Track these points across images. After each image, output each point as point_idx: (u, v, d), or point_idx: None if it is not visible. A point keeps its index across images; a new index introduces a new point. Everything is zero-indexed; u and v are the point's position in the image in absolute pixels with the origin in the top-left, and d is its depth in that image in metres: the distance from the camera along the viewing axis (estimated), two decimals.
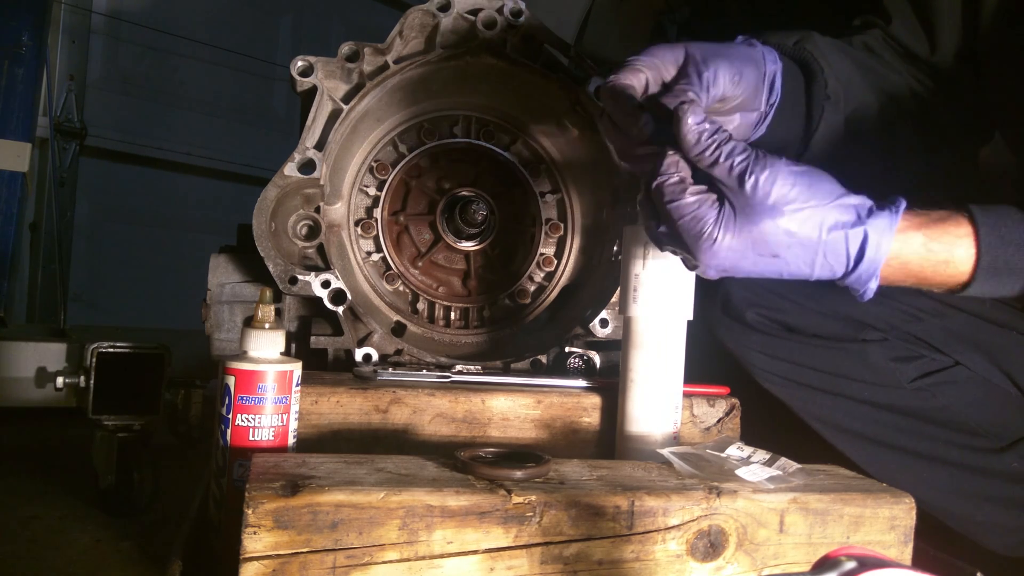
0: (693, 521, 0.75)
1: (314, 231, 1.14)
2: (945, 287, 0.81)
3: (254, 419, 0.84)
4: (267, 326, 0.87)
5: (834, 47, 1.06)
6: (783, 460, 0.82)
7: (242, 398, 0.83)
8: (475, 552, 0.69)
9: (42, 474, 1.32)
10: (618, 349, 1.05)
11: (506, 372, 1.15)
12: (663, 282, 0.94)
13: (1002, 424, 1.04)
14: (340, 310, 1.09)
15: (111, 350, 1.13)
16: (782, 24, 1.09)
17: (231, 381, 0.84)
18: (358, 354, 1.12)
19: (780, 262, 0.76)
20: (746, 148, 0.75)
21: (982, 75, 1.07)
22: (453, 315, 1.27)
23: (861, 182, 0.79)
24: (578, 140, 1.26)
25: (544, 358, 1.19)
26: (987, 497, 1.03)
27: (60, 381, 1.13)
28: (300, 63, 1.12)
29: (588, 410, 1.05)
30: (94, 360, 1.11)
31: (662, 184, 0.77)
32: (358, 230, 1.23)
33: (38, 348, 1.58)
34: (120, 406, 1.12)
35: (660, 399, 0.96)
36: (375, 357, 1.13)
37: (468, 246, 1.26)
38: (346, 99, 1.13)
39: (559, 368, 1.17)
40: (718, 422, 1.08)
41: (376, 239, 1.24)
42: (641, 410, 0.97)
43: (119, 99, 2.99)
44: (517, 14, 1.15)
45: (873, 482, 0.86)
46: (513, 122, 1.28)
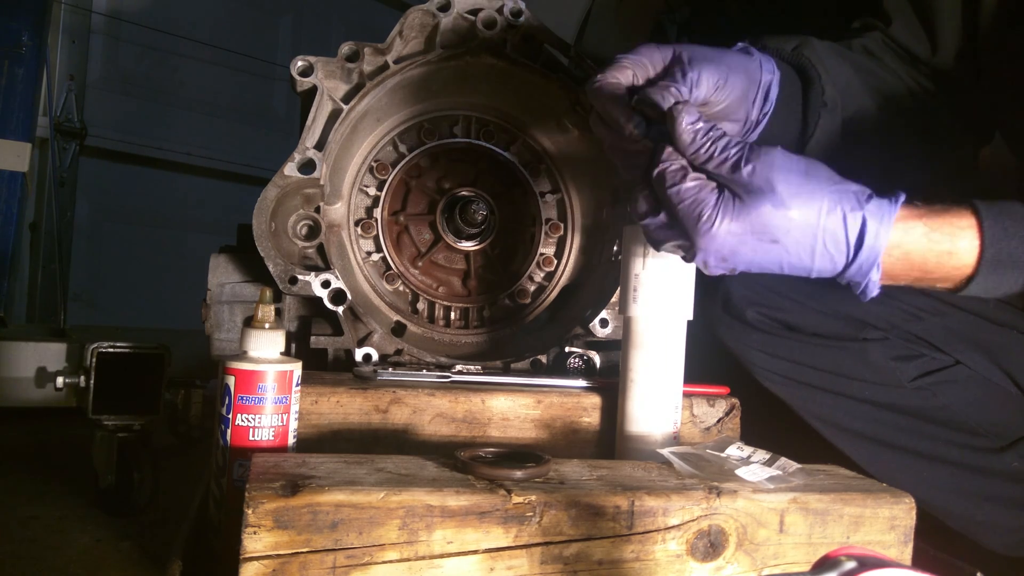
0: (693, 521, 0.75)
1: (314, 231, 1.14)
2: (948, 281, 0.79)
3: (254, 419, 0.84)
4: (267, 326, 0.87)
5: (833, 52, 1.05)
6: (783, 460, 0.82)
7: (242, 398, 0.83)
8: (475, 552, 0.69)
9: (42, 474, 1.32)
10: (618, 349, 1.05)
11: (506, 372, 1.15)
12: (663, 282, 0.94)
13: (1002, 423, 1.04)
14: (340, 310, 1.09)
15: (111, 350, 1.13)
16: (782, 24, 1.09)
17: (231, 381, 0.84)
18: (358, 354, 1.12)
19: (780, 249, 0.76)
20: (740, 142, 0.76)
21: (982, 76, 1.07)
22: (453, 315, 1.27)
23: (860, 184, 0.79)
24: (578, 140, 1.26)
25: (544, 358, 1.19)
26: (987, 497, 1.03)
27: (60, 381, 1.14)
28: (300, 63, 1.12)
29: (588, 410, 1.05)
30: (94, 360, 1.11)
31: (664, 171, 0.78)
32: (358, 230, 1.23)
33: (38, 348, 1.58)
34: (120, 406, 1.12)
35: (660, 399, 0.96)
36: (375, 357, 1.13)
37: (468, 246, 1.26)
38: (346, 99, 1.13)
39: (559, 368, 1.17)
40: (718, 422, 1.08)
41: (376, 239, 1.24)
42: (641, 410, 0.97)
43: (119, 99, 2.99)
44: (517, 14, 1.15)
45: (873, 482, 0.86)
46: (513, 122, 1.28)
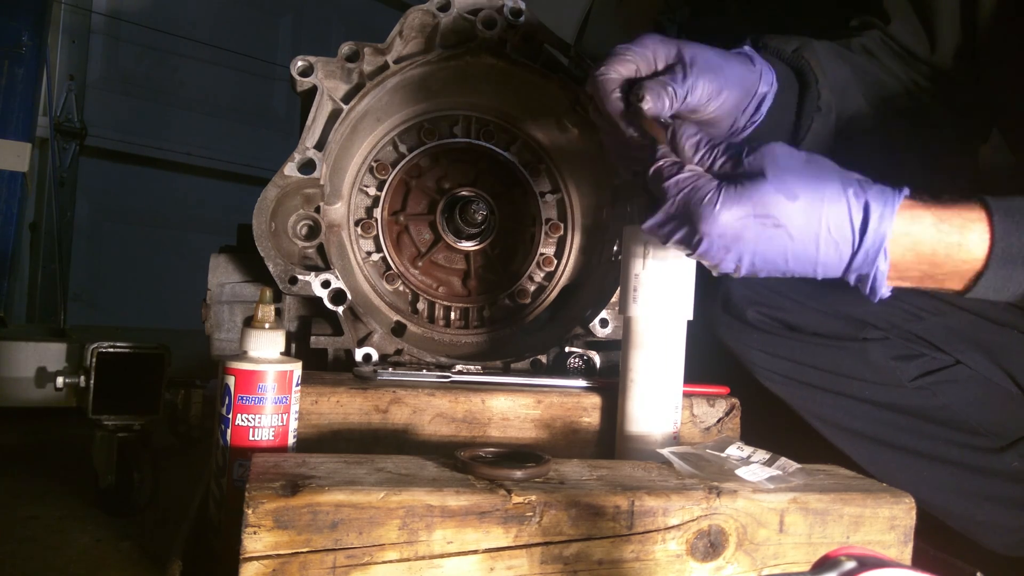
0: (693, 521, 0.75)
1: (314, 231, 1.14)
2: (956, 278, 0.78)
3: (254, 419, 0.84)
4: (267, 326, 0.87)
5: (833, 54, 1.06)
6: (783, 460, 0.82)
7: (242, 398, 0.83)
8: (475, 552, 0.69)
9: (42, 474, 1.32)
10: (618, 349, 1.05)
11: (506, 372, 1.15)
12: (663, 282, 0.94)
13: (1003, 423, 1.04)
14: (340, 310, 1.09)
15: (111, 350, 1.13)
16: (782, 24, 1.09)
17: (231, 381, 0.84)
18: (358, 354, 1.12)
19: (784, 235, 0.74)
20: (739, 142, 0.78)
21: (981, 75, 1.07)
22: (453, 315, 1.27)
23: None
24: (578, 140, 1.26)
25: (544, 358, 1.19)
26: (987, 496, 1.03)
27: (60, 381, 1.13)
28: (300, 63, 1.12)
29: (588, 410, 1.05)
30: (94, 360, 1.11)
31: (661, 167, 0.78)
32: (358, 230, 1.23)
33: (38, 348, 1.58)
34: (120, 406, 1.12)
35: (660, 399, 0.96)
36: (375, 357, 1.13)
37: (468, 246, 1.26)
38: (346, 99, 1.13)
39: (559, 368, 1.17)
40: (718, 422, 1.08)
41: (376, 239, 1.24)
42: (641, 410, 0.97)
43: (119, 99, 2.99)
44: (517, 14, 1.15)
45: (873, 482, 0.86)
46: (513, 122, 1.27)
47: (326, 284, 1.09)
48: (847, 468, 0.92)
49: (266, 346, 0.86)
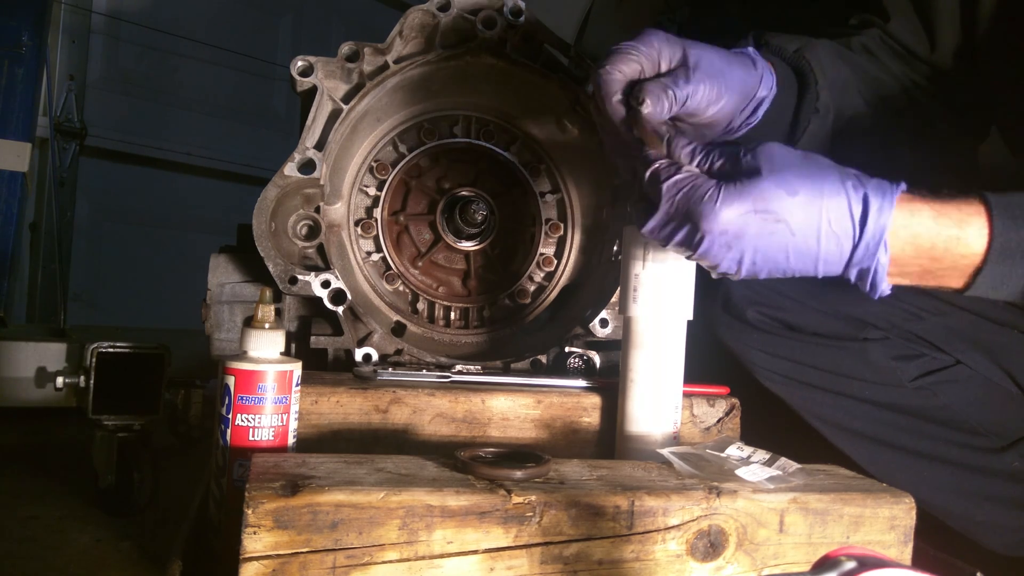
0: (693, 521, 0.75)
1: (314, 231, 1.14)
2: (956, 273, 0.78)
3: (254, 419, 0.84)
4: (267, 326, 0.87)
5: (833, 54, 1.06)
6: (783, 460, 0.82)
7: (242, 398, 0.83)
8: (475, 552, 0.69)
9: (42, 474, 1.32)
10: (618, 349, 1.05)
11: (506, 372, 1.15)
12: (663, 282, 0.94)
13: (1003, 423, 1.04)
14: (340, 310, 1.09)
15: (111, 350, 1.13)
16: (782, 23, 1.09)
17: (231, 381, 0.84)
18: (358, 354, 1.12)
19: (785, 231, 0.74)
20: (736, 141, 0.79)
21: (981, 74, 1.07)
22: (453, 315, 1.27)
23: None
24: (578, 140, 1.26)
25: (544, 358, 1.19)
26: (987, 496, 1.03)
27: (60, 381, 1.13)
28: (300, 63, 1.12)
29: (588, 410, 1.05)
30: (94, 360, 1.11)
31: (658, 169, 0.79)
32: (358, 230, 1.23)
33: (38, 348, 1.58)
34: (120, 406, 1.12)
35: (660, 399, 0.96)
36: (375, 357, 1.13)
37: (468, 246, 1.26)
38: (346, 99, 1.13)
39: (559, 368, 1.17)
40: (718, 422, 1.08)
41: (376, 239, 1.24)
42: (641, 410, 0.97)
43: (119, 99, 2.99)
44: (517, 14, 1.15)
45: (873, 482, 0.86)
46: (513, 122, 1.27)
47: (326, 284, 1.09)
48: (847, 468, 0.92)
49: (266, 346, 0.86)
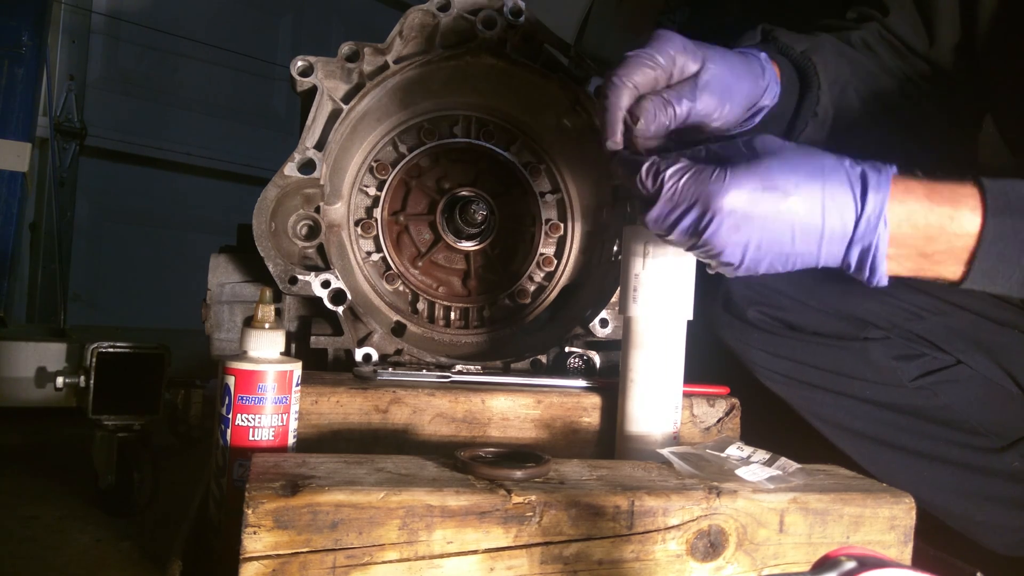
0: (693, 521, 0.75)
1: (314, 231, 1.14)
2: (952, 258, 0.77)
3: (254, 419, 0.84)
4: (267, 326, 0.87)
5: (836, 54, 1.05)
6: (783, 460, 0.82)
7: (242, 398, 0.83)
8: (475, 552, 0.69)
9: (42, 474, 1.32)
10: (618, 349, 1.05)
11: (506, 372, 1.15)
12: (663, 282, 0.94)
13: (1003, 423, 1.04)
14: (340, 310, 1.09)
15: (111, 350, 1.13)
16: (781, 22, 1.09)
17: (231, 381, 0.84)
18: (358, 354, 1.12)
19: (791, 206, 0.75)
20: (728, 139, 0.81)
21: (980, 72, 1.07)
22: (453, 315, 1.27)
23: None
24: (578, 140, 1.26)
25: (544, 358, 1.19)
26: (987, 496, 1.03)
27: (60, 381, 1.13)
28: (300, 63, 1.12)
29: (588, 410, 1.05)
30: (94, 360, 1.11)
31: (656, 161, 0.79)
32: (358, 230, 1.23)
33: (38, 348, 1.58)
34: (120, 406, 1.12)
35: (660, 399, 0.96)
36: (375, 357, 1.13)
37: (468, 246, 1.26)
38: (346, 99, 1.13)
39: (559, 368, 1.17)
40: (718, 422, 1.08)
41: (376, 239, 1.24)
42: (641, 410, 0.97)
43: (119, 99, 2.99)
44: (517, 14, 1.15)
45: (873, 482, 0.86)
46: (513, 122, 1.27)
47: (326, 284, 1.09)
48: (847, 468, 0.92)
49: (266, 346, 0.86)
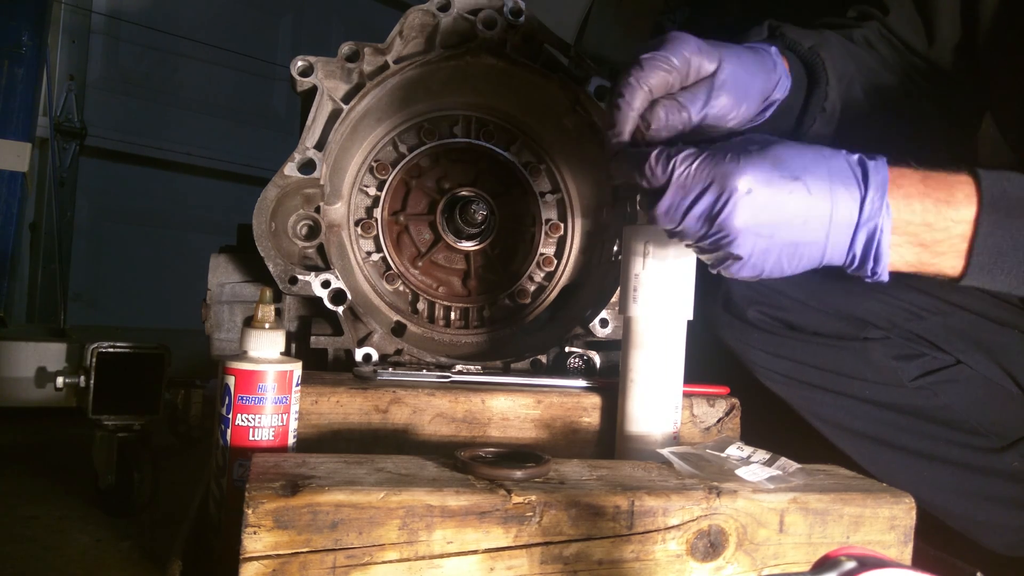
0: (693, 521, 0.75)
1: (314, 231, 1.14)
2: (951, 247, 0.78)
3: (254, 419, 0.84)
4: (267, 326, 0.86)
5: (844, 52, 1.06)
6: (783, 460, 0.82)
7: (242, 398, 0.83)
8: (475, 552, 0.69)
9: (42, 474, 1.32)
10: (618, 349, 1.05)
11: (506, 372, 1.15)
12: (663, 282, 0.94)
13: (1003, 423, 1.04)
14: (340, 310, 1.09)
15: (111, 350, 1.12)
16: (781, 21, 1.09)
17: (231, 381, 0.84)
18: (358, 354, 1.12)
19: (803, 188, 0.76)
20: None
21: (981, 71, 1.07)
22: (453, 315, 1.27)
23: None
24: (578, 140, 1.26)
25: (544, 358, 1.19)
26: (987, 496, 1.03)
27: (60, 381, 1.13)
28: (300, 63, 1.12)
29: (588, 410, 1.05)
30: (94, 360, 1.11)
31: (663, 149, 0.79)
32: (358, 230, 1.23)
33: (38, 348, 1.58)
34: (120, 406, 1.12)
35: (660, 399, 0.96)
36: (375, 357, 1.13)
37: (468, 246, 1.26)
38: (346, 99, 1.13)
39: (559, 368, 1.17)
40: (718, 422, 1.08)
41: (376, 239, 1.24)
42: (641, 410, 0.97)
43: (119, 99, 2.99)
44: (517, 14, 1.15)
45: (873, 482, 0.86)
46: (513, 122, 1.27)
47: (326, 284, 1.09)
48: (847, 468, 0.92)
49: (266, 346, 0.86)
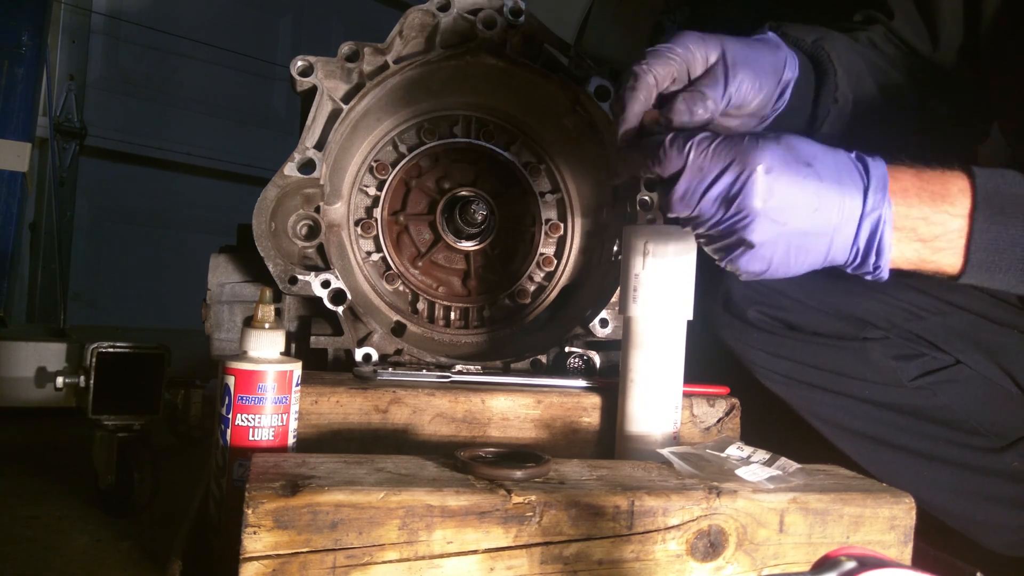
0: (693, 521, 0.75)
1: (314, 231, 1.14)
2: (948, 243, 0.80)
3: (254, 419, 0.84)
4: (267, 326, 0.87)
5: (848, 47, 1.06)
6: (783, 460, 0.82)
7: (242, 398, 0.83)
8: (475, 552, 0.69)
9: (42, 474, 1.32)
10: (618, 349, 1.05)
11: (506, 372, 1.15)
12: (663, 282, 0.94)
13: (1002, 423, 1.04)
14: (340, 310, 1.09)
15: (111, 350, 1.12)
16: (782, 21, 1.09)
17: (231, 381, 0.84)
18: (358, 354, 1.12)
19: (815, 174, 0.77)
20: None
21: (983, 72, 1.07)
22: (453, 315, 1.27)
23: None
24: (578, 140, 1.26)
25: (544, 358, 1.19)
26: (987, 496, 1.03)
27: (60, 381, 1.13)
28: (300, 63, 1.12)
29: (588, 410, 1.05)
30: (94, 360, 1.11)
31: (677, 134, 0.80)
32: (358, 230, 1.23)
33: (38, 348, 1.58)
34: (120, 406, 1.12)
35: (660, 399, 0.96)
36: (375, 357, 1.13)
37: (468, 246, 1.26)
38: (346, 99, 1.13)
39: (559, 368, 1.17)
40: (718, 422, 1.08)
41: (376, 239, 1.24)
42: (641, 410, 0.97)
43: (119, 99, 2.99)
44: (517, 14, 1.15)
45: (873, 482, 0.86)
46: (513, 122, 1.27)
47: (326, 284, 1.09)
48: (847, 468, 0.92)
49: (266, 346, 0.86)
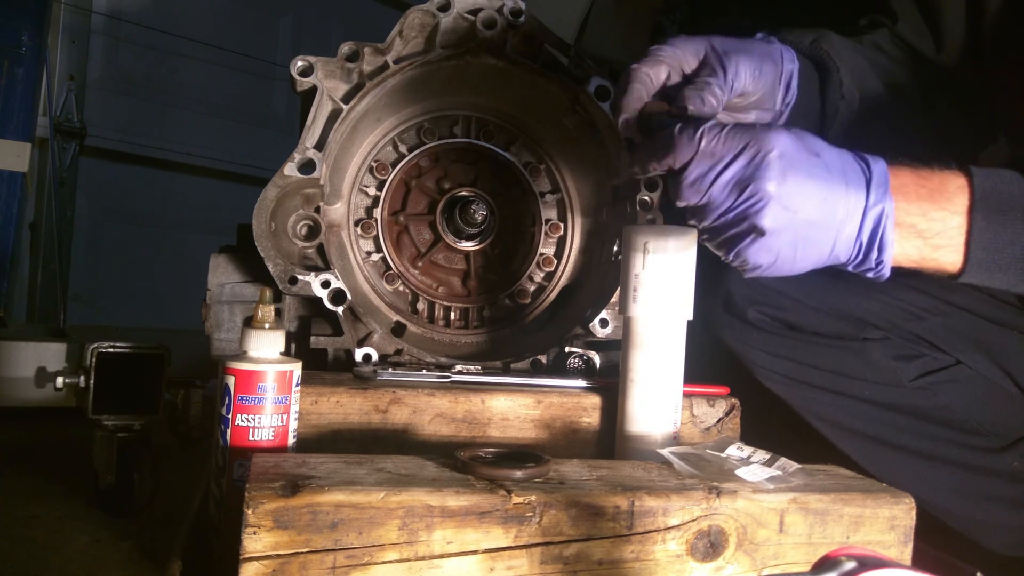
0: (693, 521, 0.75)
1: (314, 231, 1.14)
2: (947, 240, 0.81)
3: (254, 419, 0.84)
4: (267, 326, 0.86)
5: (848, 46, 1.06)
6: (783, 460, 0.82)
7: (242, 398, 0.83)
8: (475, 552, 0.69)
9: (42, 474, 1.32)
10: (618, 349, 1.05)
11: (506, 372, 1.15)
12: (663, 282, 0.94)
13: (1003, 423, 1.04)
14: (340, 310, 1.09)
15: (111, 350, 1.12)
16: (784, 23, 1.09)
17: (231, 381, 0.84)
18: (358, 354, 1.12)
19: (823, 164, 0.79)
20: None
21: (986, 74, 1.07)
22: (453, 315, 1.27)
23: None
24: (578, 140, 1.26)
25: (544, 358, 1.19)
26: (987, 496, 1.03)
27: (60, 381, 1.13)
28: (300, 63, 1.12)
29: (588, 410, 1.05)
30: (94, 360, 1.11)
31: (689, 123, 0.81)
32: (358, 230, 1.23)
33: (38, 348, 1.58)
34: (120, 406, 1.12)
35: (660, 399, 0.96)
36: (375, 357, 1.13)
37: (468, 246, 1.26)
38: (346, 99, 1.13)
39: (559, 368, 1.17)
40: (718, 422, 1.08)
41: (376, 239, 1.24)
42: (641, 410, 0.97)
43: (119, 99, 2.99)
44: (517, 14, 1.15)
45: (873, 482, 0.86)
46: (513, 122, 1.28)
47: (326, 284, 1.09)
48: (847, 468, 0.92)
49: (266, 346, 0.86)
